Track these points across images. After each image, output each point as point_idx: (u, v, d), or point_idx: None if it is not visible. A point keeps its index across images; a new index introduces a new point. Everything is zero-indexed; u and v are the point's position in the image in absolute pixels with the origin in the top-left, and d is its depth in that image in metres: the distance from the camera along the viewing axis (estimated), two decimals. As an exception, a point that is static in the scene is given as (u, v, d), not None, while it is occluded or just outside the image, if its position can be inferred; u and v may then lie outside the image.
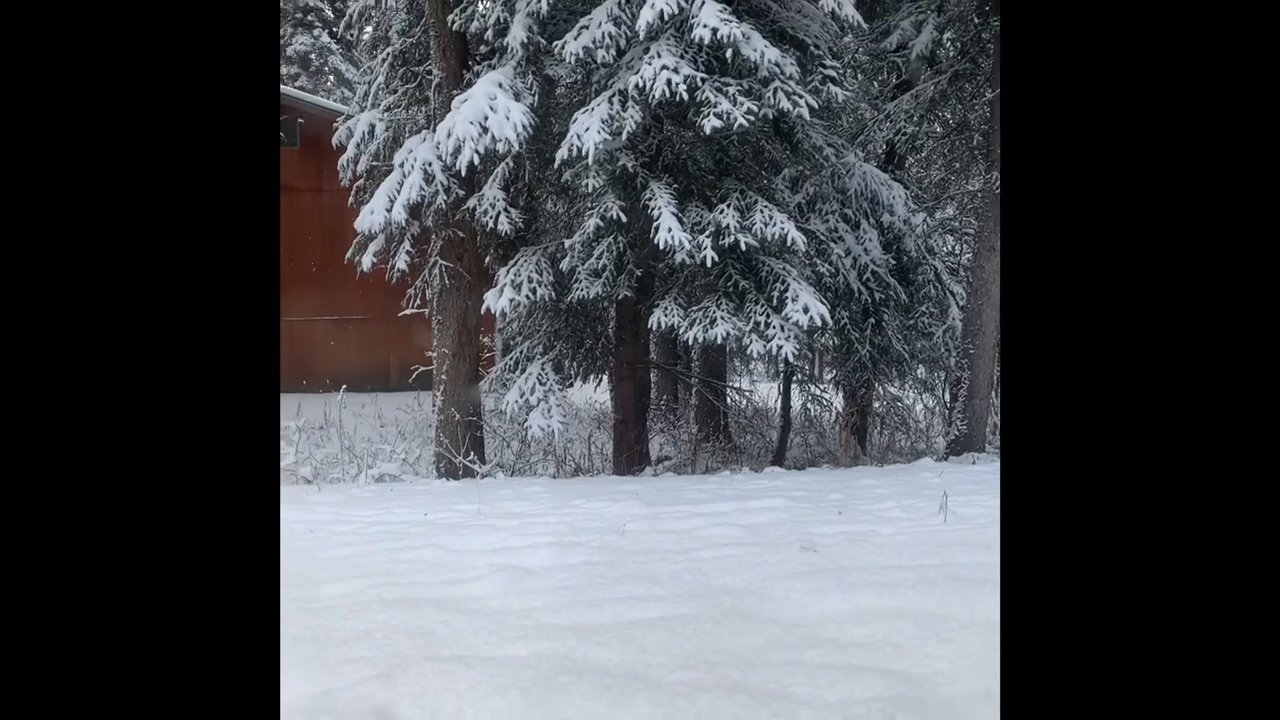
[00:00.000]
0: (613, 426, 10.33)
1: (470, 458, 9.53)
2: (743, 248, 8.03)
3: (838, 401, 12.33)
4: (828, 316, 8.33)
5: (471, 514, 5.73)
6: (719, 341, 8.28)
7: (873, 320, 10.37)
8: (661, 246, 7.96)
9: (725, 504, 5.85)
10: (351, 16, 12.42)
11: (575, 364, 10.46)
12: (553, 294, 8.99)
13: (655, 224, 7.96)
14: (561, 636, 2.66)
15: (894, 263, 10.64)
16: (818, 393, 12.14)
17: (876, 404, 12.16)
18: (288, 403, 10.77)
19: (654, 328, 8.65)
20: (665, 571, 3.47)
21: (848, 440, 11.16)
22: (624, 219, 8.25)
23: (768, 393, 14.24)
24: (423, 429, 12.19)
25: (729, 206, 8.19)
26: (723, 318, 8.14)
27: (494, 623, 2.82)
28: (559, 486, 7.83)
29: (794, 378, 11.73)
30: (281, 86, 19.40)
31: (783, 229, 8.08)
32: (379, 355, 16.70)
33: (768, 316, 8.17)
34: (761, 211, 8.16)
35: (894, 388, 12.07)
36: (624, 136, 8.02)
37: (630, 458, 9.68)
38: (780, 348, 8.07)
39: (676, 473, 9.74)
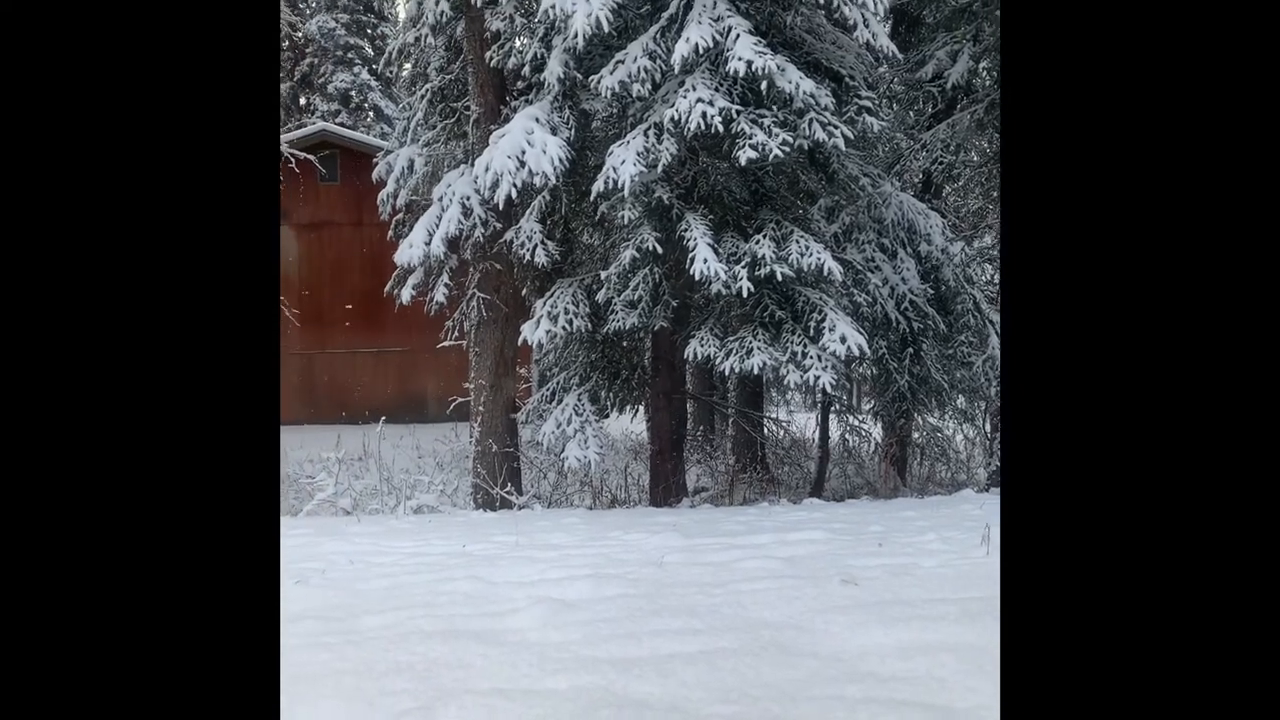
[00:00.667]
0: (649, 457, 10.31)
1: (507, 489, 9.56)
2: (779, 278, 8.02)
3: (876, 432, 12.22)
4: (865, 346, 8.28)
5: (509, 545, 5.74)
6: (755, 372, 8.25)
7: (911, 350, 10.29)
8: (697, 277, 7.97)
9: (764, 536, 5.81)
10: (391, 54, 12.66)
11: (611, 395, 10.47)
12: (589, 325, 9.03)
13: (691, 255, 7.99)
14: (601, 669, 2.65)
15: (932, 292, 10.57)
16: (856, 423, 12.03)
17: (916, 434, 12.03)
18: (328, 434, 10.89)
19: (690, 358, 8.65)
20: (704, 604, 3.45)
21: (887, 471, 11.04)
22: (660, 250, 8.29)
23: (805, 423, 14.15)
24: (460, 460, 12.25)
25: (765, 237, 8.20)
26: (759, 348, 8.12)
27: (533, 655, 2.82)
28: (596, 518, 7.82)
29: (832, 408, 11.64)
30: (322, 123, 19.78)
31: (819, 259, 8.07)
32: (417, 387, 16.84)
33: (805, 346, 8.15)
34: (797, 241, 8.15)
35: (933, 418, 11.93)
36: (659, 168, 8.07)
37: (667, 489, 9.65)
38: (818, 378, 8.03)
39: (714, 504, 9.70)
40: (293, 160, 11.04)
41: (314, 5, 27.44)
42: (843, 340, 8.06)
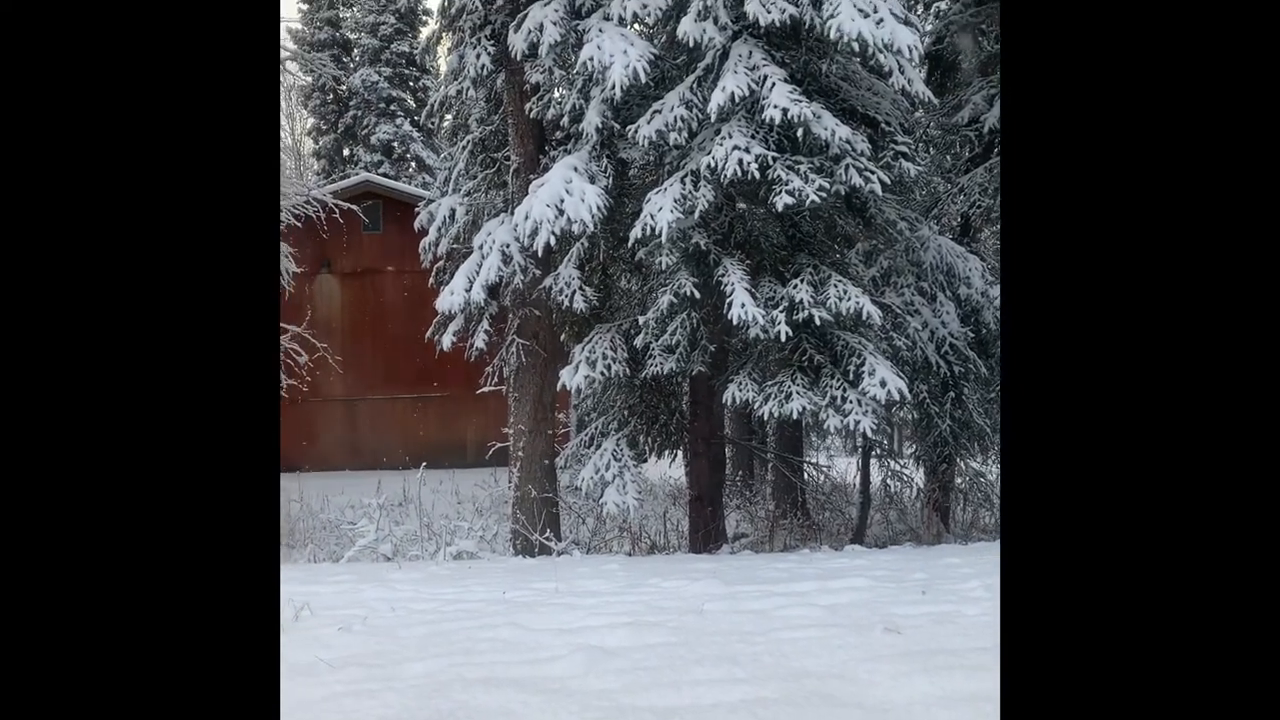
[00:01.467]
0: (688, 503, 10.26)
1: (546, 535, 9.54)
2: (817, 322, 8.01)
3: (918, 477, 12.06)
4: (906, 390, 8.22)
5: (549, 592, 5.73)
6: (794, 416, 8.22)
7: (952, 394, 10.19)
8: (735, 322, 7.99)
9: (805, 583, 5.75)
10: (433, 106, 12.91)
11: (650, 440, 10.45)
12: (627, 370, 9.06)
13: (728, 300, 8.02)
14: (642, 718, 2.64)
15: (972, 335, 10.48)
16: (898, 468, 11.89)
17: (959, 479, 11.86)
18: (369, 479, 10.96)
19: (728, 403, 8.64)
20: (745, 653, 3.42)
21: (930, 517, 10.89)
22: (697, 295, 8.33)
23: (846, 468, 14.02)
24: (499, 506, 12.26)
25: (802, 281, 8.21)
26: (798, 392, 8.10)
27: (574, 704, 2.81)
28: (635, 564, 7.79)
29: (873, 453, 11.53)
30: (366, 173, 20.19)
31: (857, 303, 8.06)
32: (457, 432, 16.92)
33: (844, 391, 8.11)
34: (835, 286, 8.15)
35: (976, 462, 11.76)
36: (696, 215, 8.14)
37: (706, 535, 9.59)
38: (858, 422, 7.98)
39: (754, 551, 9.61)
40: (337, 210, 11.27)
41: (357, 59, 28.15)
42: (883, 384, 8.02)
